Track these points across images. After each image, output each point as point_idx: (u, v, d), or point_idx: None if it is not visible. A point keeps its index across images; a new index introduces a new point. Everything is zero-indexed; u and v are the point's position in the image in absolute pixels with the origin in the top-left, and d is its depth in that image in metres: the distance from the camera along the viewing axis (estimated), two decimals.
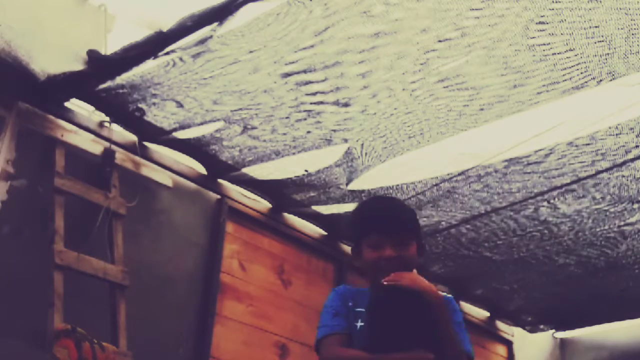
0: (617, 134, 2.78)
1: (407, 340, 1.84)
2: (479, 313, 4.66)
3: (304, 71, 2.57)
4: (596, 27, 2.25)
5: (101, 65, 2.65)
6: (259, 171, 3.32)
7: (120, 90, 2.76)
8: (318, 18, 2.30)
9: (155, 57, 2.55)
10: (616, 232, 3.49)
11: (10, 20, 2.50)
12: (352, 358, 1.95)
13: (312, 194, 3.47)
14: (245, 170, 3.31)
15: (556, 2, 2.17)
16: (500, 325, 4.82)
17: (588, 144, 2.86)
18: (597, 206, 3.27)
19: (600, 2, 2.16)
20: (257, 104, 2.77)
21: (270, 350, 3.49)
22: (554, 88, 2.53)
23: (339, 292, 2.09)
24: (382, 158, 3.07)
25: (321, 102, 2.74)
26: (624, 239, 3.56)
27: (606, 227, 3.44)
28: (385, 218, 2.09)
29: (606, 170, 3.00)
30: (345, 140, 2.98)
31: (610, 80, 2.49)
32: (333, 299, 2.07)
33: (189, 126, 2.97)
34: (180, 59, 2.56)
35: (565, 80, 2.49)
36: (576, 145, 2.87)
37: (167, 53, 2.54)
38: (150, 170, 3.17)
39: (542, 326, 4.93)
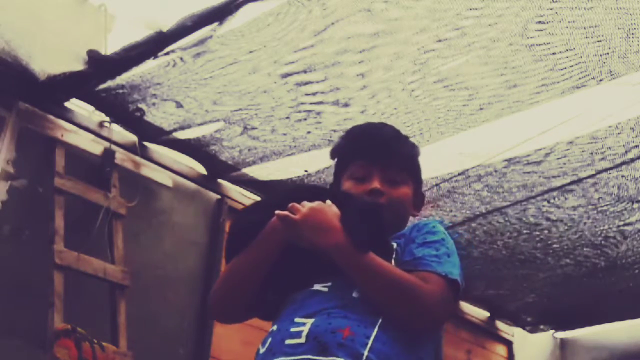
0: (617, 134, 2.78)
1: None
2: (479, 313, 4.66)
3: (304, 71, 2.57)
4: (595, 26, 2.25)
5: (101, 65, 2.65)
6: (259, 171, 3.32)
7: (120, 90, 2.77)
8: (317, 18, 2.30)
9: (155, 57, 2.56)
10: (616, 232, 3.48)
11: (10, 20, 2.50)
12: (224, 271, 1.68)
13: None
14: (245, 170, 3.31)
15: (555, 1, 2.18)
16: (500, 325, 4.81)
17: (588, 144, 2.86)
18: (597, 206, 3.27)
19: (600, 1, 2.16)
20: (257, 104, 2.78)
21: None
22: (553, 87, 2.53)
23: None
24: None
25: (321, 102, 2.74)
26: (624, 239, 3.55)
27: (606, 227, 3.43)
28: (379, 144, 1.69)
29: (606, 170, 2.99)
30: None
31: (610, 79, 2.48)
32: None
33: (189, 126, 2.98)
34: (181, 59, 2.57)
35: (565, 79, 2.49)
36: (576, 145, 2.87)
37: (167, 53, 2.54)
38: (150, 170, 3.17)
39: (542, 326, 4.92)
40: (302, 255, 1.55)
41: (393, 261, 1.55)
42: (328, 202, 1.56)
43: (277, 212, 1.54)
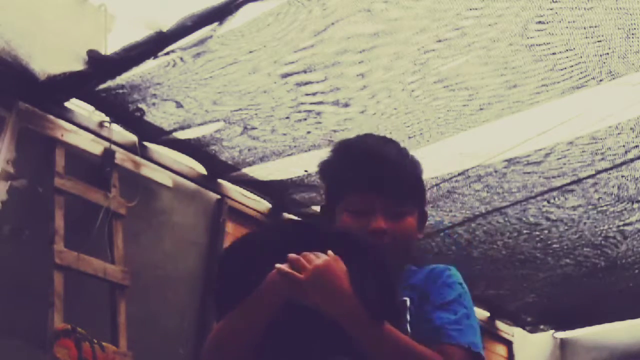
0: (617, 134, 2.79)
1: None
2: (479, 313, 4.66)
3: (304, 71, 2.57)
4: (595, 26, 2.25)
5: (101, 65, 2.65)
6: (259, 171, 3.32)
7: (120, 90, 2.77)
8: (317, 18, 2.30)
9: (155, 57, 2.56)
10: (616, 232, 3.49)
11: (10, 20, 2.50)
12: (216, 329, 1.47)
13: (312, 194, 3.47)
14: (245, 170, 3.31)
15: (555, 1, 2.18)
16: (500, 325, 4.81)
17: (588, 144, 2.86)
18: (597, 206, 3.27)
19: (600, 1, 2.16)
20: (257, 104, 2.78)
21: None
22: (553, 88, 2.53)
23: None
24: None
25: (321, 102, 2.74)
26: (624, 239, 3.55)
27: (606, 227, 3.44)
28: (380, 173, 1.48)
29: (606, 170, 3.00)
30: None
31: (610, 80, 2.49)
32: None
33: (189, 126, 2.98)
34: (181, 59, 2.57)
35: (565, 79, 2.49)
36: (576, 145, 2.87)
37: (167, 53, 2.54)
38: (150, 170, 3.17)
39: (542, 326, 4.93)
40: (305, 316, 1.38)
41: (408, 322, 1.46)
42: (330, 253, 1.38)
43: (277, 266, 1.36)
